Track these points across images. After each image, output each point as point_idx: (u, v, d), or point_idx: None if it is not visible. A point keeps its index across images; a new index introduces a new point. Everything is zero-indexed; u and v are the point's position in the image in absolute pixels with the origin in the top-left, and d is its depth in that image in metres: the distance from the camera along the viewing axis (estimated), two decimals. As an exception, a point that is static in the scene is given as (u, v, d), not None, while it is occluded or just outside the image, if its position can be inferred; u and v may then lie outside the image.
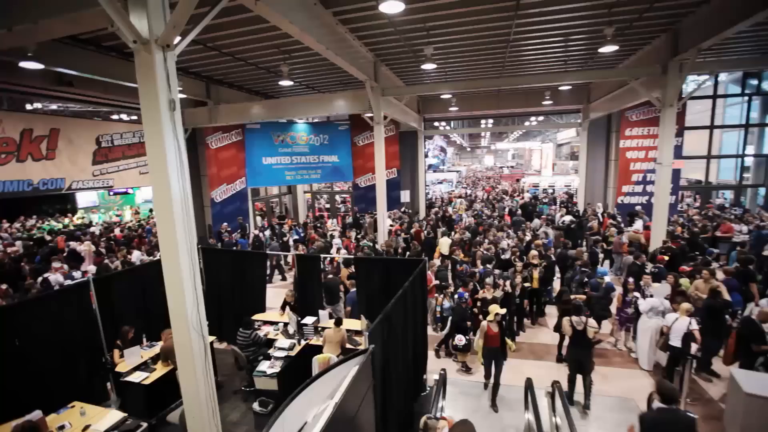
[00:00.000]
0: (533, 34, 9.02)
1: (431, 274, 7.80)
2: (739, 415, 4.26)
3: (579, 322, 5.27)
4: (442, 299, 6.83)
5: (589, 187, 18.17)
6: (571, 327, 5.31)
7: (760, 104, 16.47)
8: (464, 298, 6.55)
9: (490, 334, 5.43)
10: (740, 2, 6.65)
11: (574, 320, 5.32)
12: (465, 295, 6.61)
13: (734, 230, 10.69)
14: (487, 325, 5.47)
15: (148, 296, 6.24)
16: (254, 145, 16.30)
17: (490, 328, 5.44)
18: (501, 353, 5.54)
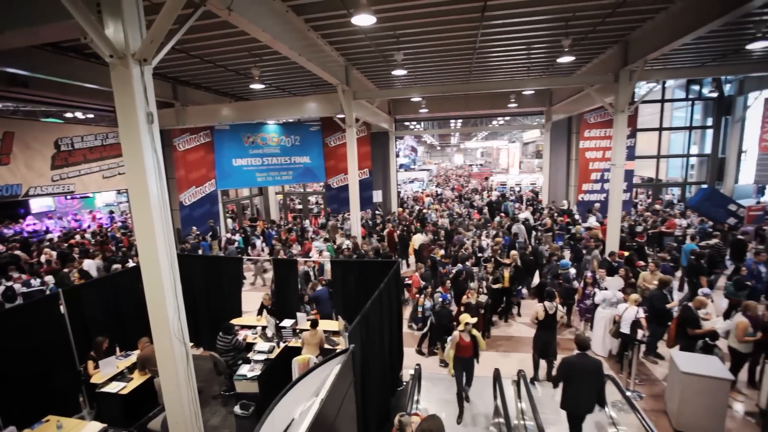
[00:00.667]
0: (498, 42, 9.49)
1: (417, 276, 8.13)
2: (677, 391, 4.82)
3: (551, 307, 5.95)
4: (423, 299, 7.05)
5: (553, 185, 19.14)
6: (544, 311, 5.90)
7: (701, 108, 17.93)
8: (447, 300, 6.78)
9: (462, 344, 5.29)
10: (681, 19, 7.35)
11: (546, 305, 5.97)
12: (447, 297, 6.87)
13: (676, 225, 11.69)
14: (458, 335, 5.32)
15: (121, 305, 6.16)
16: (224, 147, 16.04)
17: (461, 338, 5.30)
18: (472, 362, 5.39)
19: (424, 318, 6.89)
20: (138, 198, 3.68)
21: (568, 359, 4.57)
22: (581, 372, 4.40)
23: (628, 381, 5.83)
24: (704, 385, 4.52)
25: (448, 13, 7.43)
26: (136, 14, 3.57)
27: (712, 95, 16.97)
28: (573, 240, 11.52)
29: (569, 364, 4.50)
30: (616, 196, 10.63)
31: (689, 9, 7.11)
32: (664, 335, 6.49)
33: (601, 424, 5.00)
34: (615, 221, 10.76)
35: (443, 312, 6.48)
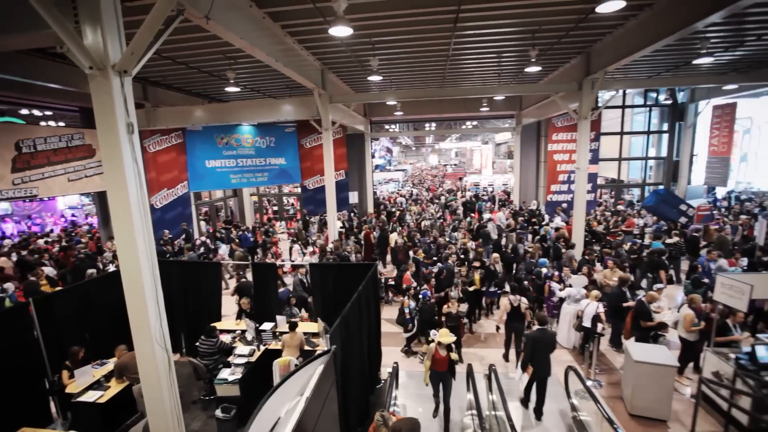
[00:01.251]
0: (470, 51, 9.87)
1: (409, 275, 8.47)
2: (631, 378, 5.29)
3: (515, 300, 6.58)
4: (408, 301, 7.28)
5: (524, 185, 19.90)
6: (510, 304, 6.58)
7: (658, 114, 19.14)
8: (428, 297, 7.16)
9: (437, 357, 5.15)
10: (637, 35, 7.93)
11: (511, 298, 6.66)
12: (428, 293, 7.23)
13: (635, 224, 12.51)
14: (435, 348, 5.17)
15: (94, 313, 6.06)
16: (196, 148, 15.76)
17: (437, 351, 5.14)
18: (449, 376, 5.25)
19: (412, 318, 7.12)
20: (119, 207, 3.71)
21: (532, 334, 5.51)
22: (543, 343, 5.36)
23: (589, 371, 6.29)
24: (653, 372, 4.99)
25: (423, 23, 7.70)
26: (115, 25, 3.61)
27: (668, 102, 18.14)
28: (543, 240, 12.11)
29: (534, 338, 5.41)
30: (581, 197, 11.29)
31: (643, 26, 7.70)
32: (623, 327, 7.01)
33: (564, 411, 5.40)
34: (579, 221, 11.43)
35: (425, 308, 6.88)
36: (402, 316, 7.16)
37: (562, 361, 6.57)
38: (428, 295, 7.20)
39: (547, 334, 5.52)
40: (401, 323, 7.27)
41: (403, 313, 7.12)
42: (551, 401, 5.57)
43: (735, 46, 9.92)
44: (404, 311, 7.09)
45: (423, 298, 7.15)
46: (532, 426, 5.25)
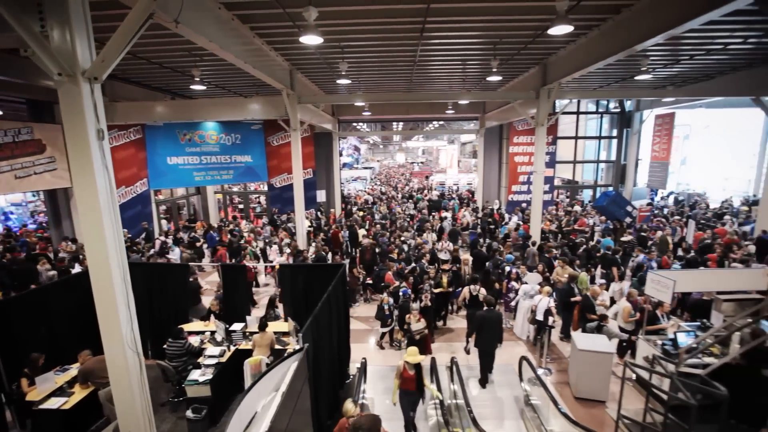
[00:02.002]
0: (436, 57, 10.27)
1: (391, 275, 8.82)
2: (575, 365, 5.89)
3: (475, 289, 7.39)
4: (388, 298, 7.66)
5: (487, 185, 20.75)
6: (469, 293, 7.37)
7: (608, 120, 20.57)
8: (407, 294, 7.67)
9: (405, 377, 4.97)
10: (586, 52, 8.63)
11: (471, 288, 7.45)
12: (408, 291, 7.79)
13: (586, 224, 13.51)
14: (403, 365, 5.00)
15: (53, 318, 5.88)
16: (157, 145, 15.22)
17: (406, 369, 4.97)
18: (418, 396, 5.13)
19: (390, 314, 7.52)
20: (89, 214, 3.71)
21: (480, 313, 6.33)
22: (489, 321, 6.16)
23: (541, 360, 6.88)
24: (594, 359, 5.59)
25: (390, 31, 7.98)
26: (85, 31, 3.59)
27: (616, 110, 19.57)
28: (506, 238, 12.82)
29: (481, 317, 6.26)
30: (538, 198, 12.06)
31: (592, 44, 8.39)
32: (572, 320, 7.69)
33: (518, 397, 5.92)
34: (536, 221, 12.23)
35: (404, 305, 7.31)
36: (381, 312, 7.54)
37: (517, 352, 7.13)
38: (408, 293, 7.69)
39: (493, 313, 6.37)
40: (380, 318, 7.64)
41: (382, 309, 7.50)
42: (507, 389, 6.09)
43: (672, 63, 10.99)
44: (383, 307, 7.48)
45: (403, 295, 7.63)
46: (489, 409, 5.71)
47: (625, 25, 7.24)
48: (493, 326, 6.20)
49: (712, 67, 11.71)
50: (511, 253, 10.26)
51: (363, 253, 11.19)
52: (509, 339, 8.07)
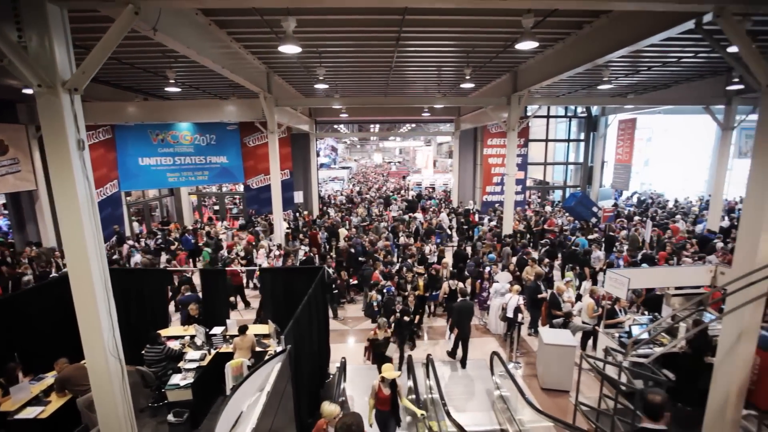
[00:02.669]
0: (411, 64, 10.55)
1: (378, 274, 9.24)
2: (542, 358, 6.31)
3: (453, 284, 8.14)
4: (376, 294, 8.04)
5: (462, 186, 21.30)
6: (449, 287, 8.11)
7: (576, 124, 21.52)
8: (392, 292, 8.09)
9: (381, 396, 4.72)
10: (554, 62, 9.12)
11: (450, 283, 8.23)
12: (392, 289, 8.23)
13: (555, 223, 14.17)
14: (378, 384, 4.77)
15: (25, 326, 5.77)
16: (128, 145, 14.80)
17: (381, 389, 4.72)
18: (392, 417, 4.89)
19: (379, 310, 7.83)
20: (69, 223, 3.75)
21: (456, 304, 7.19)
22: (464, 311, 7.07)
23: (511, 354, 7.29)
24: (558, 352, 6.02)
25: (367, 39, 8.18)
26: (64, 43, 3.64)
27: (584, 115, 20.50)
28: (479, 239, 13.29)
29: (457, 308, 7.13)
30: (510, 200, 12.61)
31: (559, 55, 8.89)
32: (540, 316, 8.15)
33: (490, 390, 6.27)
34: (509, 221, 12.76)
35: (389, 302, 7.62)
36: (370, 309, 7.96)
37: (490, 348, 7.51)
38: (392, 291, 8.12)
39: (467, 303, 7.24)
40: (369, 315, 8.05)
41: (371, 306, 7.92)
42: (480, 382, 6.45)
43: (632, 73, 11.73)
44: (372, 304, 7.90)
45: (387, 292, 7.99)
46: (462, 402, 6.04)
47: (587, 39, 7.74)
48: (469, 315, 7.16)
49: (668, 77, 12.58)
50: (492, 253, 10.71)
51: (339, 255, 11.36)
52: (483, 335, 8.47)
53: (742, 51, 3.95)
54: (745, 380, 4.56)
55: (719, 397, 4.66)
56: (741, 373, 4.52)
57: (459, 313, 7.06)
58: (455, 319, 7.11)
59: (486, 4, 3.77)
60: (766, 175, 4.14)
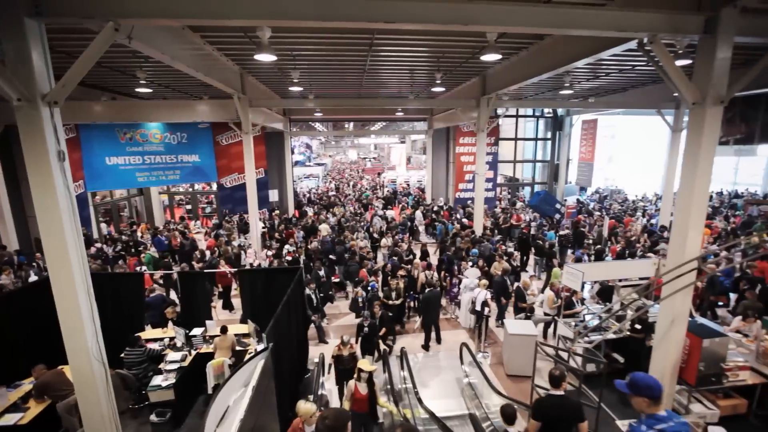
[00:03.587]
0: (384, 67, 10.83)
1: (365, 271, 9.58)
2: (507, 347, 6.83)
3: (429, 274, 8.73)
4: (361, 291, 8.44)
5: (436, 183, 21.83)
6: (425, 277, 8.62)
7: (544, 123, 22.47)
8: (375, 288, 8.50)
9: (357, 396, 4.56)
10: (520, 68, 9.65)
11: (426, 273, 8.83)
12: (375, 285, 8.69)
13: (522, 219, 14.91)
14: (354, 385, 4.58)
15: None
16: (93, 144, 14.38)
17: (357, 389, 4.56)
18: (371, 420, 4.74)
19: (364, 305, 8.20)
20: (51, 231, 3.84)
21: (425, 295, 7.92)
22: (431, 300, 7.77)
23: (480, 345, 7.80)
24: (521, 341, 6.55)
25: (341, 44, 8.40)
26: (43, 56, 3.71)
27: (550, 115, 21.45)
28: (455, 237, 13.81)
29: (426, 299, 7.86)
30: (480, 197, 13.19)
31: (524, 62, 9.42)
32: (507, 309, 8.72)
33: (459, 378, 6.74)
34: (479, 218, 13.35)
35: (371, 297, 7.98)
36: (355, 304, 8.38)
37: (460, 339, 7.98)
38: (375, 287, 8.54)
39: (434, 293, 8.01)
40: (354, 310, 8.44)
41: (356, 302, 8.33)
42: (450, 372, 6.91)
43: (592, 78, 12.50)
44: (357, 300, 8.27)
45: (371, 288, 8.39)
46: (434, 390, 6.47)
47: (549, 49, 8.29)
48: (433, 303, 7.87)
49: (625, 82, 13.49)
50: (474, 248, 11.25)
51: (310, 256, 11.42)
52: (455, 327, 8.96)
53: (671, 73, 4.50)
54: (677, 359, 5.20)
55: (657, 375, 5.26)
56: (674, 354, 5.16)
57: (425, 301, 7.84)
58: (421, 308, 7.80)
59: (450, 28, 4.11)
60: (693, 182, 4.74)
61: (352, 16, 3.92)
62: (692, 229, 4.84)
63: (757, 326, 6.01)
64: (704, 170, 4.71)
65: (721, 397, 5.47)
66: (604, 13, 4.33)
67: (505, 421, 3.81)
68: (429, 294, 7.94)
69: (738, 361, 5.41)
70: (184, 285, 7.06)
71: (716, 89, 4.43)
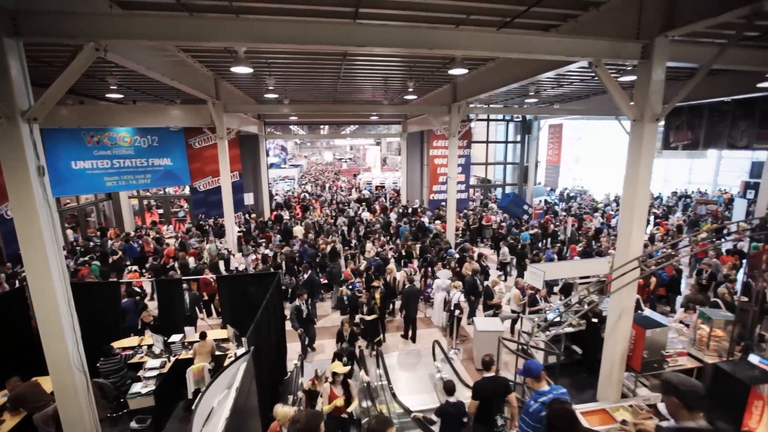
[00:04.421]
0: (358, 74, 11.12)
1: (349, 271, 10.03)
2: (477, 343, 7.28)
3: (409, 272, 9.27)
4: (345, 290, 8.82)
5: (410, 185, 22.29)
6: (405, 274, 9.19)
7: (513, 127, 23.36)
8: (357, 287, 8.91)
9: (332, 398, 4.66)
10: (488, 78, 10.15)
11: (406, 270, 9.57)
12: (357, 285, 9.05)
13: (492, 220, 15.57)
14: (329, 387, 4.64)
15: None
16: (58, 148, 13.91)
17: (332, 391, 4.63)
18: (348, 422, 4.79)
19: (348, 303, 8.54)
20: (31, 245, 3.92)
21: (405, 289, 8.48)
22: (411, 295, 8.33)
23: (452, 342, 8.23)
24: (489, 337, 6.99)
25: (315, 54, 8.63)
26: (21, 74, 3.79)
27: (519, 119, 22.33)
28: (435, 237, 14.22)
29: (406, 293, 8.43)
30: (452, 200, 13.70)
31: (492, 72, 9.92)
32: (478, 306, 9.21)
33: (432, 374, 7.13)
34: (451, 220, 13.86)
35: (353, 297, 8.41)
36: (341, 303, 8.85)
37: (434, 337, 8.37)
38: (357, 286, 8.98)
39: (414, 289, 8.56)
40: (340, 308, 8.88)
41: (342, 300, 8.77)
42: (423, 368, 7.29)
43: (556, 87, 13.24)
44: (343, 299, 8.73)
45: (353, 288, 8.81)
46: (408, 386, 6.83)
47: (512, 63, 8.82)
48: (415, 297, 8.55)
49: (587, 90, 14.34)
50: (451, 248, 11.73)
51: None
52: (429, 326, 9.36)
53: (614, 94, 5.03)
54: (625, 349, 5.77)
55: (608, 363, 5.84)
56: (622, 343, 5.73)
57: (406, 296, 8.40)
58: (403, 302, 8.38)
59: (417, 52, 4.47)
60: (635, 189, 5.30)
61: (325, 40, 4.20)
62: (635, 230, 5.41)
63: (695, 317, 6.71)
64: (644, 178, 5.28)
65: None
66: (553, 40, 4.81)
67: (446, 394, 4.59)
68: (408, 289, 8.50)
69: (677, 348, 6.05)
70: (161, 293, 7.10)
71: (652, 108, 4.99)
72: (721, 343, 6.19)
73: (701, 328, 6.32)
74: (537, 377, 3.70)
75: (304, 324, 7.63)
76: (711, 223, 14.38)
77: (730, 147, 11.60)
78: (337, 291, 9.69)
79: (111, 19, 4.30)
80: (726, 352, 6.05)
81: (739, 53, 5.96)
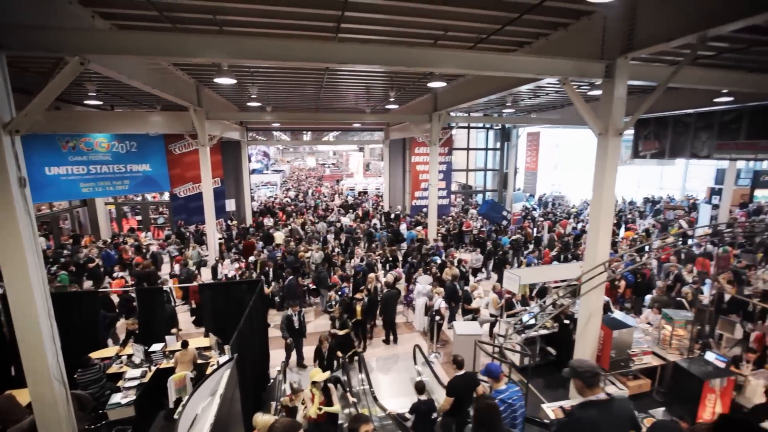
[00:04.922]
0: (341, 83, 11.33)
1: (336, 277, 10.35)
2: (457, 346, 7.49)
3: (390, 276, 9.47)
4: (335, 295, 9.10)
5: (393, 191, 22.56)
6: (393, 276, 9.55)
7: (493, 134, 23.98)
8: (345, 293, 9.22)
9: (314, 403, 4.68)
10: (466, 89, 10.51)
11: (392, 273, 9.66)
12: (345, 290, 9.39)
13: (471, 225, 15.95)
14: (311, 393, 4.67)
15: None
16: (32, 154, 13.42)
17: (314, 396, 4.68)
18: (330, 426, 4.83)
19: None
20: (11, 255, 3.91)
21: (385, 293, 8.76)
22: (389, 298, 8.63)
23: (433, 346, 8.44)
24: (468, 340, 7.22)
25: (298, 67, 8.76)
26: (3, 86, 3.82)
27: (498, 127, 22.95)
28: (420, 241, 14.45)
29: (387, 295, 8.71)
30: (433, 207, 14.01)
31: (470, 84, 10.29)
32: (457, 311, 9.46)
33: (413, 377, 7.30)
34: (432, 225, 14.16)
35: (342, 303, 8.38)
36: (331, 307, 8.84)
37: (415, 342, 8.58)
38: (346, 292, 9.26)
39: (393, 292, 8.84)
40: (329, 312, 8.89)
41: (331, 305, 8.85)
42: (405, 373, 7.46)
43: (533, 97, 13.76)
44: (332, 303, 8.86)
45: (342, 294, 9.13)
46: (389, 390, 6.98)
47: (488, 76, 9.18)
48: (393, 301, 8.77)
49: (562, 100, 14.94)
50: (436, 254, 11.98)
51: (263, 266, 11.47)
52: (410, 330, 9.55)
53: (579, 109, 5.38)
54: (595, 348, 6.09)
55: (579, 364, 6.15)
56: (592, 343, 6.05)
57: (384, 301, 8.66)
58: (381, 307, 8.61)
59: (396, 69, 4.70)
60: (601, 198, 5.65)
61: (308, 57, 4.37)
62: (602, 236, 5.76)
63: (659, 317, 7.13)
64: (609, 188, 5.64)
65: (630, 378, 6.45)
66: (522, 59, 5.14)
67: (417, 393, 5.00)
68: (386, 294, 8.76)
69: (643, 348, 6.43)
70: (142, 303, 7.05)
71: (615, 123, 5.36)
72: (683, 342, 6.61)
73: (664, 327, 6.72)
74: (497, 377, 4.14)
75: (294, 335, 7.57)
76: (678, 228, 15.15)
77: (693, 156, 12.31)
78: (326, 296, 9.83)
79: (96, 34, 4.37)
80: (687, 350, 6.46)
81: (694, 73, 6.45)
